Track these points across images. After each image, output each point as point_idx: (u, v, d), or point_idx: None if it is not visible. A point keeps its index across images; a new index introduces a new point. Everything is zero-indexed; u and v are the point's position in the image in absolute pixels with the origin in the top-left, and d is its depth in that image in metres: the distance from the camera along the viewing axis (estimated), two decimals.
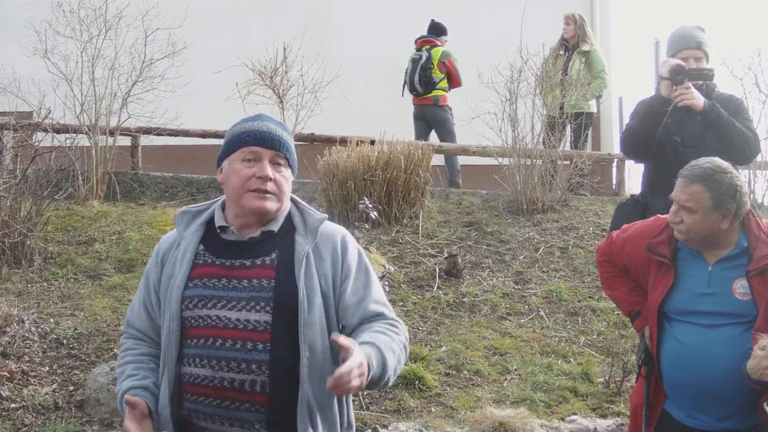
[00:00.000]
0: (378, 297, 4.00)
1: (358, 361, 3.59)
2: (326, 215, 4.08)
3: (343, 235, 4.04)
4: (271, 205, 3.91)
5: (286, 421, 3.79)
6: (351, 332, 3.91)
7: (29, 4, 15.59)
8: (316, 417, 3.82)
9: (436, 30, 15.24)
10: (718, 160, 5.04)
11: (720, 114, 6.69)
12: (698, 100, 6.67)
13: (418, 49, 14.98)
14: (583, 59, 14.12)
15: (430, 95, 14.86)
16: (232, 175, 3.95)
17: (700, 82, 6.80)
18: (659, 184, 6.69)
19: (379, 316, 3.94)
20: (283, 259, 3.90)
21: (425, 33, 15.16)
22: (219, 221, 4.01)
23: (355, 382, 3.58)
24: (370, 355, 3.69)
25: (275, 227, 3.97)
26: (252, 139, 3.94)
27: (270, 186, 3.89)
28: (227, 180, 3.99)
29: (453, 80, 14.79)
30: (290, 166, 4.02)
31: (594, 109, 14.84)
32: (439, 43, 15.00)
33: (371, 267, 4.08)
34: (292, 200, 4.11)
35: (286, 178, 3.98)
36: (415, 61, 14.86)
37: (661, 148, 6.80)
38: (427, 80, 14.78)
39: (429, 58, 14.77)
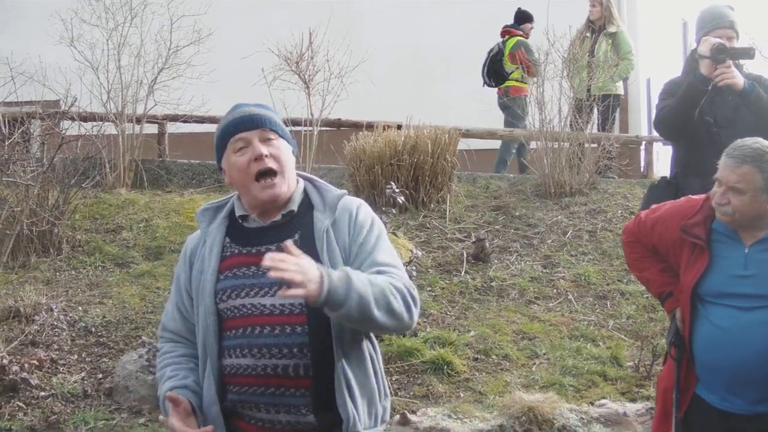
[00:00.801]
0: (382, 259, 3.88)
1: (298, 264, 3.50)
2: (345, 191, 4.04)
3: (358, 205, 3.98)
4: (280, 190, 3.87)
5: (330, 401, 3.77)
6: None
7: None
8: (354, 391, 3.79)
9: (520, 18, 15.17)
10: (764, 141, 4.97)
11: (759, 94, 6.62)
12: (739, 79, 6.59)
13: (502, 38, 14.92)
14: (610, 41, 14.08)
15: (502, 86, 14.83)
16: (232, 170, 3.92)
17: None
18: (692, 165, 6.64)
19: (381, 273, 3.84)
20: (305, 237, 3.86)
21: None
22: (239, 211, 3.98)
23: (296, 276, 3.46)
24: (330, 272, 3.59)
25: (294, 206, 3.94)
26: (234, 128, 3.91)
27: (270, 162, 3.85)
28: (231, 176, 3.96)
29: (527, 70, 14.67)
30: (282, 137, 3.97)
31: (621, 91, 14.81)
32: (519, 32, 14.92)
33: (383, 231, 4.01)
34: (308, 179, 4.08)
35: (281, 149, 3.93)
36: (489, 52, 14.85)
37: (693, 129, 6.74)
38: (497, 71, 14.75)
39: (501, 49, 14.72)
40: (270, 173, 3.86)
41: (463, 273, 10.20)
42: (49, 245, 10.54)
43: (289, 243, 3.60)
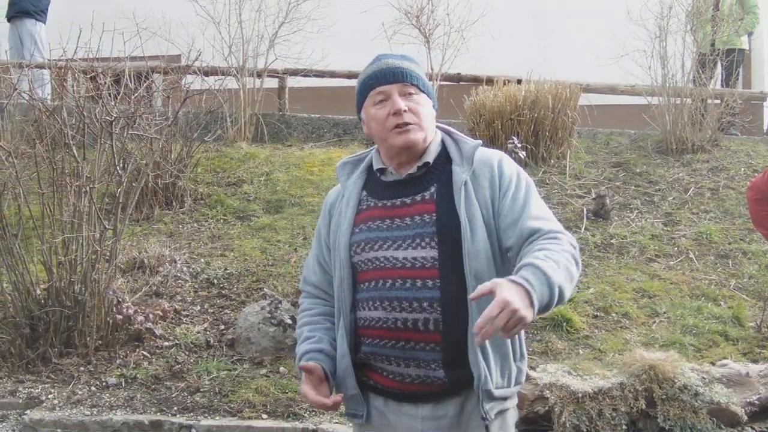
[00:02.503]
0: (536, 212, 3.77)
1: (499, 302, 3.26)
2: (480, 141, 3.94)
3: (500, 159, 3.88)
4: (415, 135, 3.81)
5: (461, 358, 3.71)
6: (513, 254, 3.75)
7: None
8: (487, 349, 3.72)
9: None
10: None
11: None
12: None
13: None
14: None
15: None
16: (371, 122, 3.90)
17: None
18: None
19: (536, 233, 3.71)
20: (442, 191, 3.81)
21: None
22: (377, 164, 3.96)
23: (510, 320, 3.25)
24: (527, 278, 3.39)
25: (430, 158, 3.87)
26: (375, 81, 3.88)
27: (408, 117, 3.79)
28: (369, 128, 3.94)
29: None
30: (422, 91, 3.90)
31: (746, 46, 14.51)
32: None
33: (531, 182, 3.89)
34: (446, 131, 4.01)
35: (421, 104, 3.86)
36: None
37: None
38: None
39: None
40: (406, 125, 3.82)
41: (582, 229, 10.15)
42: (172, 198, 10.74)
43: (480, 291, 3.37)
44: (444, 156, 3.92)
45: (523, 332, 3.86)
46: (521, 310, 3.26)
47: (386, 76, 3.87)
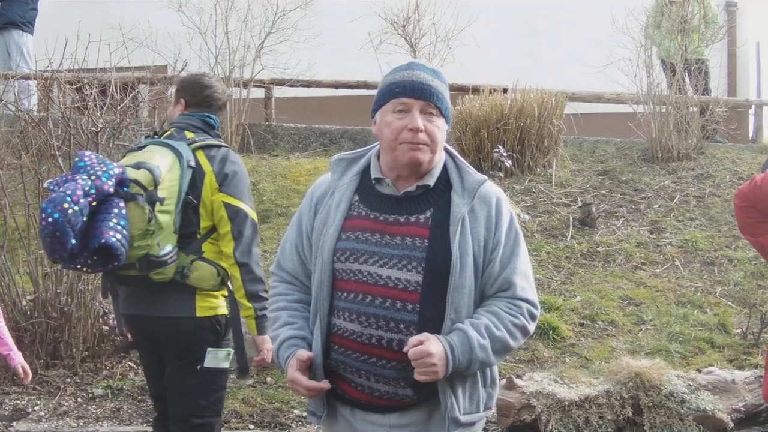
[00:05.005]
0: (520, 268, 3.86)
1: (424, 351, 3.60)
2: (485, 177, 3.97)
3: (498, 198, 3.91)
4: (423, 156, 3.82)
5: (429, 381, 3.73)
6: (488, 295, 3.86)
7: None
8: (455, 376, 3.76)
9: None
10: None
11: None
12: None
13: None
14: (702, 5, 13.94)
15: None
16: (384, 127, 3.89)
17: None
18: None
19: (508, 290, 3.82)
20: (438, 218, 3.83)
21: None
22: (375, 173, 3.96)
23: (429, 370, 3.63)
24: (453, 344, 3.67)
25: (431, 181, 3.89)
26: (402, 90, 3.85)
27: (422, 137, 3.80)
28: (380, 131, 3.92)
29: None
30: (443, 115, 3.90)
31: (707, 56, 14.60)
32: None
33: (520, 232, 3.95)
34: (450, 153, 4.03)
35: (438, 127, 3.86)
36: None
37: None
38: None
39: None
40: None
41: (569, 238, 10.17)
42: None
43: (411, 343, 3.64)
44: (444, 180, 3.94)
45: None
46: (437, 365, 3.63)
47: (414, 90, 3.86)
